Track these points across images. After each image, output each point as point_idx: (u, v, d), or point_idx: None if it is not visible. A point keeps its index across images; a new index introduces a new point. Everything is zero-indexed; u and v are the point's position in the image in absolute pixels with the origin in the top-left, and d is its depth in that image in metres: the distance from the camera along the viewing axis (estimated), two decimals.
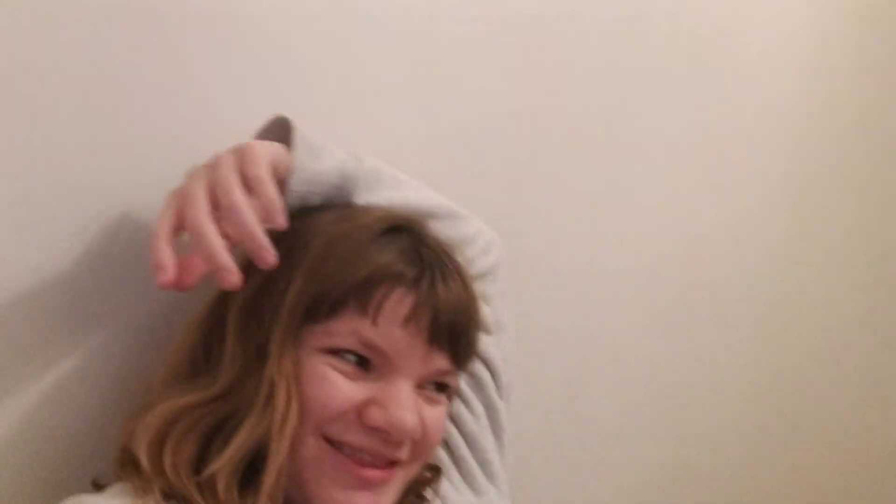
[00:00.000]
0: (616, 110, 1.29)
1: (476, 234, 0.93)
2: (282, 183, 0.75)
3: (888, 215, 1.82)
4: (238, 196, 0.71)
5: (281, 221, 0.72)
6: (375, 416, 0.73)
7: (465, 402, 0.93)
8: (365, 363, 0.74)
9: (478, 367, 0.93)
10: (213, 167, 0.73)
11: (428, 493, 0.85)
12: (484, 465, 0.92)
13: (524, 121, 1.18)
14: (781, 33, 1.56)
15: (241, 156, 0.73)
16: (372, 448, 0.74)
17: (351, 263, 0.73)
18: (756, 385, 1.56)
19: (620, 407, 1.34)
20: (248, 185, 0.72)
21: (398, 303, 0.74)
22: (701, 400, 1.47)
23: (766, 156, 1.55)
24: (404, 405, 0.74)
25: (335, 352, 0.73)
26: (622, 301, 1.33)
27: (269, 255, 0.71)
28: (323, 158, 0.78)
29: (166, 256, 0.71)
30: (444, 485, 0.87)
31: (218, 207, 0.71)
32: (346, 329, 0.73)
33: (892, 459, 1.83)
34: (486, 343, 0.93)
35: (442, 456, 0.90)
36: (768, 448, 1.60)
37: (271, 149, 0.76)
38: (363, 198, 0.81)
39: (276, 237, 0.73)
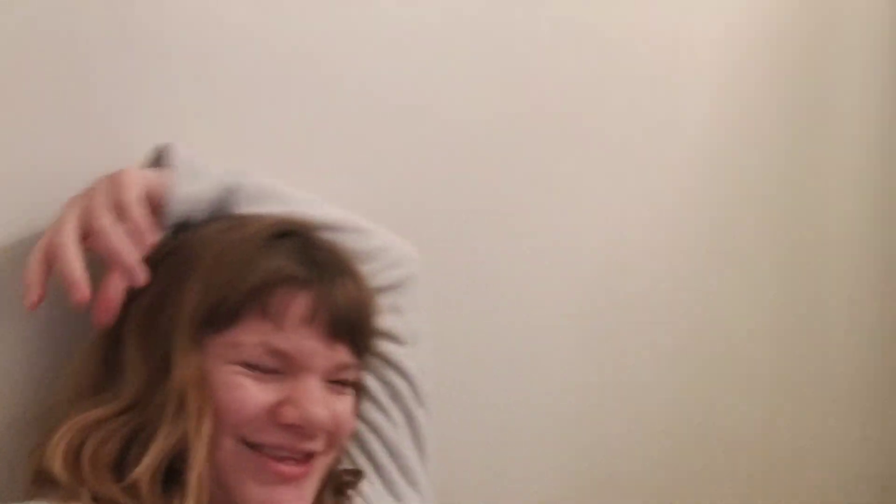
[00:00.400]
0: (536, 123, 1.32)
1: (383, 248, 0.96)
2: (160, 206, 0.79)
3: (810, 224, 1.86)
4: (104, 221, 0.75)
5: (147, 243, 0.76)
6: (289, 414, 0.76)
7: (384, 411, 0.95)
8: (274, 369, 0.78)
9: (393, 377, 0.95)
10: (87, 195, 0.77)
11: (350, 494, 0.87)
12: (405, 471, 0.94)
13: (447, 133, 1.21)
14: (704, 45, 1.59)
15: (112, 182, 0.77)
16: (288, 444, 0.77)
17: (243, 270, 0.77)
18: (675, 393, 1.58)
19: (544, 416, 1.36)
20: (118, 211, 0.76)
21: (298, 305, 0.77)
22: (622, 408, 1.49)
23: (684, 171, 1.58)
24: (315, 401, 0.77)
25: (242, 364, 0.76)
26: (545, 312, 1.36)
27: (136, 276, 0.75)
28: (202, 179, 0.83)
29: (35, 279, 0.75)
30: (366, 488, 0.90)
31: (88, 233, 0.75)
32: (253, 339, 0.76)
33: (800, 461, 1.87)
34: (401, 354, 0.96)
35: (363, 463, 0.92)
36: (687, 454, 1.62)
37: (145, 174, 0.80)
38: (248, 210, 0.85)
39: (167, 251, 0.78)
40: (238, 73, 0.98)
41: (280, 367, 0.78)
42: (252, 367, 0.77)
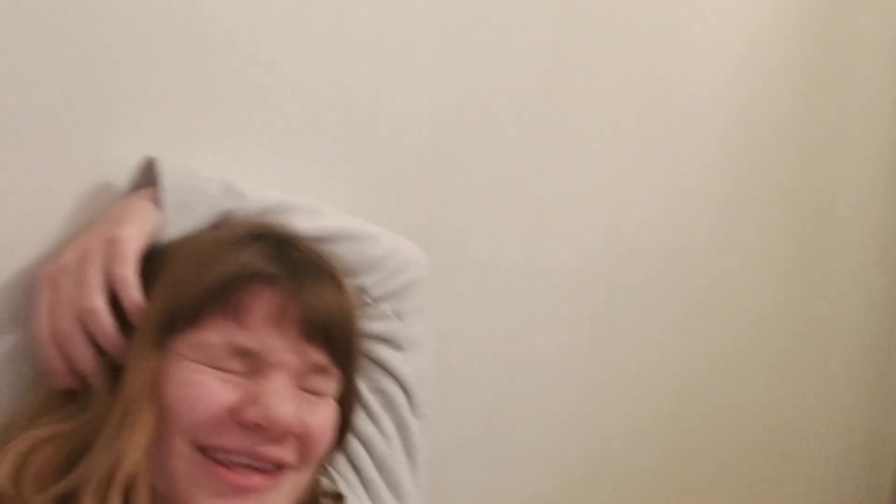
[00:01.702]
0: (541, 105, 1.26)
1: (386, 255, 0.91)
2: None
3: (812, 212, 1.84)
4: (92, 302, 0.72)
5: (137, 322, 0.72)
6: (250, 413, 0.71)
7: (376, 421, 0.91)
8: (240, 370, 0.73)
9: (389, 383, 0.91)
10: (82, 259, 0.73)
11: None
12: (393, 486, 0.91)
13: (446, 116, 1.15)
14: (715, 24, 1.54)
15: (109, 251, 0.73)
16: (250, 450, 0.72)
17: (209, 268, 0.73)
18: (674, 382, 1.56)
19: (542, 406, 1.33)
20: (112, 285, 0.72)
21: (264, 301, 0.73)
22: (620, 397, 1.47)
23: (693, 152, 1.54)
24: (280, 397, 0.72)
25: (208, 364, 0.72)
26: (545, 299, 1.32)
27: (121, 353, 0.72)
28: (195, 211, 0.78)
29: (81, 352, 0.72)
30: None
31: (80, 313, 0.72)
32: (217, 339, 0.72)
33: (802, 438, 1.89)
34: (398, 360, 0.92)
35: (350, 478, 0.88)
36: (691, 433, 1.61)
37: (144, 229, 0.75)
38: None
39: (148, 258, 0.75)
40: (219, 80, 0.91)
41: (246, 368, 0.73)
42: (216, 368, 0.72)
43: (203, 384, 0.71)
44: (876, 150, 1.96)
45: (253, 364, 0.73)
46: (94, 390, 0.73)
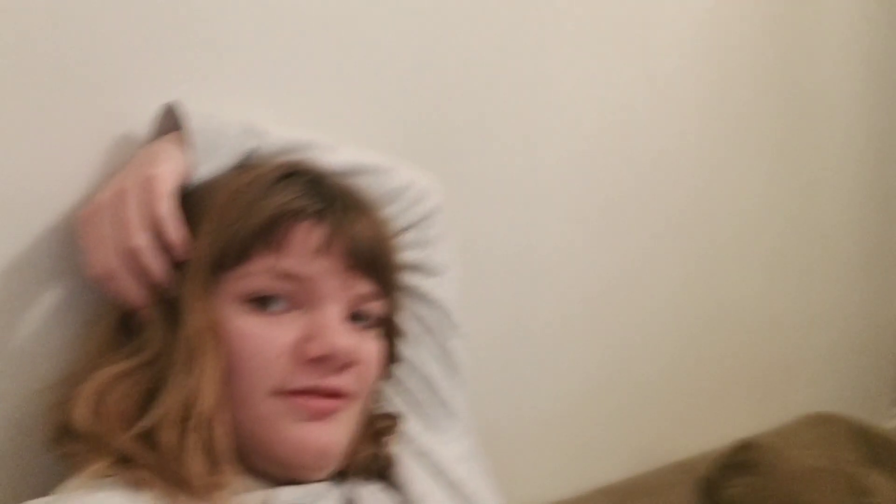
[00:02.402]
0: (532, 34, 1.28)
1: (405, 186, 0.93)
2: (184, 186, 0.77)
3: (801, 100, 1.86)
4: (136, 241, 0.73)
5: (183, 256, 0.74)
6: (311, 347, 0.73)
7: (418, 346, 0.93)
8: (287, 302, 0.74)
9: (426, 309, 0.94)
10: (119, 199, 0.74)
11: (389, 439, 0.85)
12: (442, 405, 0.94)
13: (445, 29, 1.17)
14: None
15: (145, 189, 0.74)
16: (319, 385, 0.74)
17: (252, 208, 0.74)
18: (675, 283, 1.60)
19: (561, 314, 1.37)
20: (152, 223, 0.74)
21: (306, 234, 0.75)
22: (635, 299, 1.50)
23: (681, 41, 1.56)
24: (337, 328, 0.75)
25: (255, 300, 0.74)
26: (550, 210, 1.34)
27: (168, 287, 0.74)
28: (220, 152, 0.79)
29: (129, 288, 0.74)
30: (406, 427, 0.88)
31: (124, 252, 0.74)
32: (260, 268, 0.73)
33: (804, 329, 1.93)
34: (431, 285, 0.94)
35: (400, 402, 0.91)
36: (692, 341, 1.65)
37: (175, 168, 0.76)
38: None
39: (181, 199, 0.76)
40: (233, 19, 0.93)
41: (294, 300, 0.75)
42: (264, 300, 0.74)
43: (259, 335, 0.73)
44: (858, 31, 1.98)
45: (300, 295, 0.75)
46: (151, 325, 0.74)
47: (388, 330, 0.85)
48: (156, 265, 0.74)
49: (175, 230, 0.74)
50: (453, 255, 0.98)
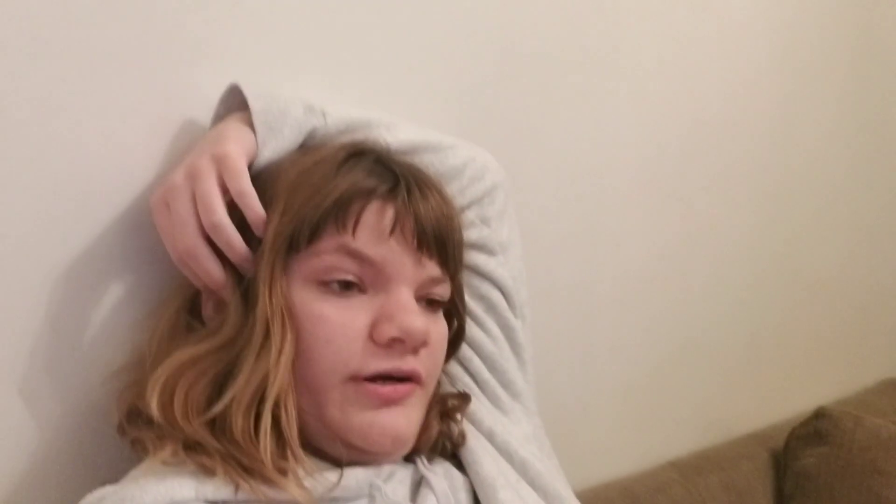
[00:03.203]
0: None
1: (465, 163, 0.92)
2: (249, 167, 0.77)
3: (877, 75, 1.82)
4: (220, 216, 0.73)
5: (262, 231, 0.74)
6: (386, 329, 0.73)
7: (481, 325, 0.93)
8: (358, 284, 0.74)
9: (488, 288, 0.93)
10: (194, 176, 0.74)
11: (458, 418, 0.85)
12: (507, 385, 0.93)
13: (506, 23, 1.15)
14: None
15: (221, 165, 0.74)
16: (393, 368, 0.74)
17: (322, 189, 0.74)
18: (753, 256, 1.58)
19: (626, 283, 1.35)
20: (231, 197, 0.74)
21: (378, 214, 0.74)
22: (703, 274, 1.49)
23: (762, 26, 1.54)
24: (410, 310, 0.74)
25: (326, 281, 0.74)
26: (625, 188, 1.33)
27: (249, 266, 0.74)
28: (283, 132, 0.79)
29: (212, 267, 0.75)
30: (473, 406, 0.88)
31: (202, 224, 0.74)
32: (331, 247, 0.73)
33: (881, 300, 1.90)
34: (493, 264, 0.94)
35: (466, 381, 0.91)
36: (773, 305, 1.63)
37: (245, 147, 0.76)
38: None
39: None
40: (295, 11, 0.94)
41: (366, 283, 0.75)
42: (335, 286, 0.74)
43: (334, 318, 0.73)
44: None
45: (371, 277, 0.74)
46: (226, 308, 0.74)
47: (454, 310, 0.85)
48: (239, 240, 0.73)
49: (254, 206, 0.74)
50: (515, 232, 0.97)
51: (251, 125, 0.78)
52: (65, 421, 0.80)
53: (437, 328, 0.79)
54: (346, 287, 0.74)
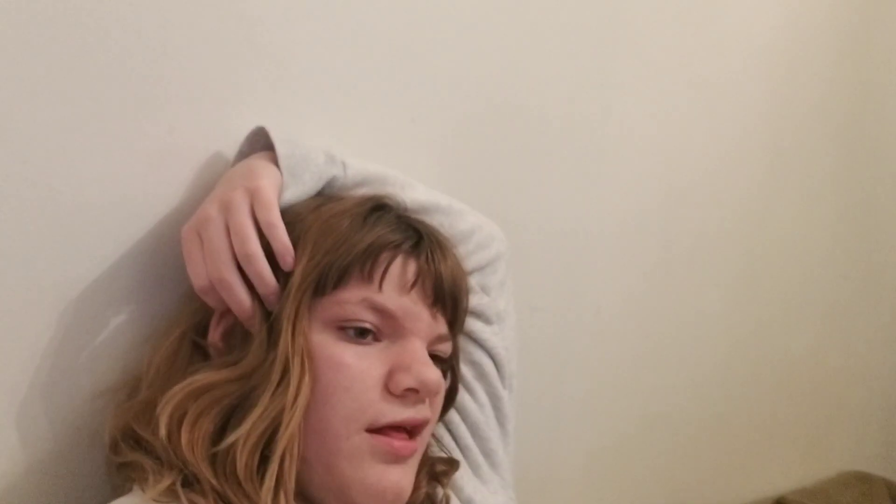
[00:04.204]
0: (596, 67, 1.29)
1: (472, 229, 0.94)
2: None
3: (861, 165, 1.86)
4: (254, 247, 0.74)
5: (290, 266, 0.75)
6: (403, 379, 0.74)
7: (470, 391, 0.94)
8: (374, 332, 0.75)
9: (480, 356, 0.94)
10: (228, 208, 0.76)
11: (444, 483, 0.86)
12: (488, 454, 0.94)
13: (504, 83, 1.17)
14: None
15: (253, 198, 0.76)
16: (408, 418, 0.75)
17: (350, 237, 0.75)
18: (726, 333, 1.60)
19: (600, 360, 1.37)
20: (261, 228, 0.75)
21: (402, 269, 0.77)
22: (675, 349, 1.50)
23: (742, 107, 1.57)
24: (426, 361, 0.76)
25: (346, 327, 0.74)
26: (604, 258, 1.35)
27: (274, 298, 0.75)
28: (304, 178, 0.81)
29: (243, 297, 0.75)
30: (455, 472, 0.88)
31: (236, 254, 0.75)
32: (355, 297, 0.74)
33: (847, 391, 1.92)
34: (488, 332, 0.95)
35: (450, 445, 0.92)
36: (739, 391, 1.65)
37: (274, 182, 0.78)
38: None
39: None
40: (312, 53, 0.96)
41: (383, 333, 0.76)
42: (355, 333, 0.75)
43: (353, 365, 0.73)
44: None
45: (390, 328, 0.76)
46: (246, 339, 0.75)
47: (449, 369, 0.86)
48: (269, 273, 0.74)
49: (283, 237, 0.75)
50: (511, 304, 0.99)
51: (276, 164, 0.80)
52: (56, 443, 0.80)
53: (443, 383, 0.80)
54: (362, 334, 0.75)
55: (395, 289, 0.75)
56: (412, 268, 0.77)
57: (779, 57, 1.62)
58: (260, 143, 0.84)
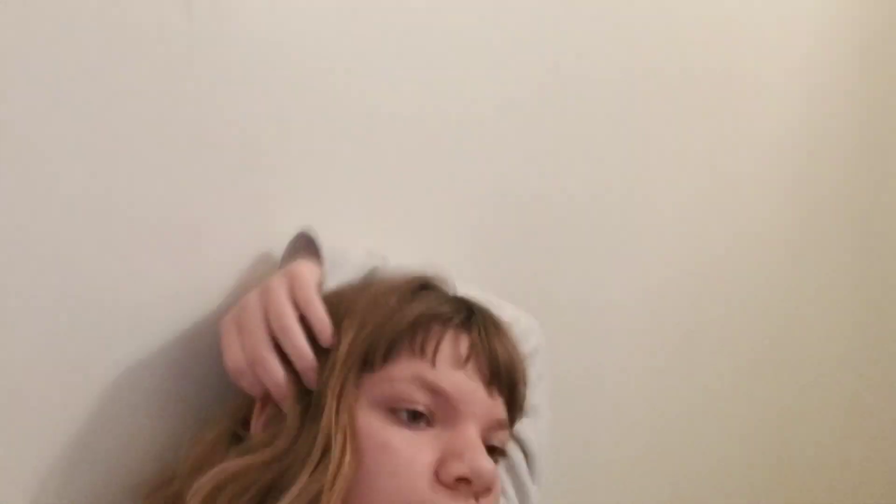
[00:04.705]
0: (622, 144, 1.30)
1: (510, 323, 0.91)
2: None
3: (881, 253, 1.87)
4: (290, 321, 0.74)
5: (329, 339, 0.74)
6: (455, 468, 0.70)
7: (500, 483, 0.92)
8: (427, 417, 0.72)
9: (512, 448, 0.92)
10: (266, 291, 0.76)
11: None
12: None
13: (531, 175, 1.19)
14: (782, 72, 1.60)
15: (290, 279, 0.76)
16: None
17: (399, 311, 0.74)
18: (746, 422, 1.59)
19: (624, 446, 1.36)
20: (299, 307, 0.75)
21: (453, 343, 0.74)
22: (695, 435, 1.49)
23: (764, 194, 1.58)
24: (479, 449, 0.71)
25: (398, 409, 0.72)
26: (625, 342, 1.35)
27: (312, 377, 0.73)
28: (345, 268, 0.81)
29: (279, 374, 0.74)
30: None
31: (272, 330, 0.74)
32: (406, 374, 0.72)
33: (873, 489, 1.89)
34: (524, 425, 0.93)
35: None
36: (757, 482, 1.63)
37: (314, 269, 0.79)
38: None
39: None
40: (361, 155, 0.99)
41: (436, 416, 0.72)
42: (407, 413, 0.71)
43: (402, 450, 0.70)
44: None
45: (443, 411, 0.72)
46: (285, 420, 0.72)
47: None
48: (307, 347, 0.73)
49: (319, 313, 0.74)
50: (546, 400, 0.98)
51: (319, 259, 0.81)
52: None
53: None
54: (415, 418, 0.72)
55: (449, 364, 0.73)
56: (465, 342, 0.74)
57: (800, 146, 1.65)
58: (302, 247, 0.84)
